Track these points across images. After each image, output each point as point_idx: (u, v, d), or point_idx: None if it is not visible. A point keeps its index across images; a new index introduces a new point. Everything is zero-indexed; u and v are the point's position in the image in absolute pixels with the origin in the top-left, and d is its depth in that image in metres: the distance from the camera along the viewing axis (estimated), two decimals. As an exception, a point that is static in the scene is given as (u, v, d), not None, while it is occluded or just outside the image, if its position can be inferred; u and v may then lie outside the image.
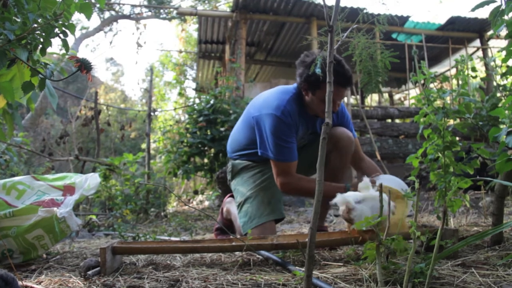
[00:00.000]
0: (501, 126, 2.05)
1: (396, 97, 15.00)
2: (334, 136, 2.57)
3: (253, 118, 2.56)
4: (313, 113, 2.58)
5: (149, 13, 18.42)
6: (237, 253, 2.32)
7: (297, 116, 2.53)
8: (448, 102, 2.54)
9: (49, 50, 1.84)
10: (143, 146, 11.82)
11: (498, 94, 2.67)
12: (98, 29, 17.60)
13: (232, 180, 2.85)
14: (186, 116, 8.05)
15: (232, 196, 2.99)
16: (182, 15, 14.59)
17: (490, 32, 9.86)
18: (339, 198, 2.02)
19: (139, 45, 20.00)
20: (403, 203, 2.14)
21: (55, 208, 2.31)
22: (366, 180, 2.15)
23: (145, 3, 18.05)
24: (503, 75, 2.09)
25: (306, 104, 2.55)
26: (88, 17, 1.90)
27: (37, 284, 1.71)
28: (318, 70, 1.71)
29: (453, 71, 10.59)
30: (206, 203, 8.68)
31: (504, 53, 1.96)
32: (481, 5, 1.94)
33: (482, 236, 1.32)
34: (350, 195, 2.03)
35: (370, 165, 2.74)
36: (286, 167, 2.48)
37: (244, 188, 2.72)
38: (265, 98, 2.60)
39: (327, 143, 2.57)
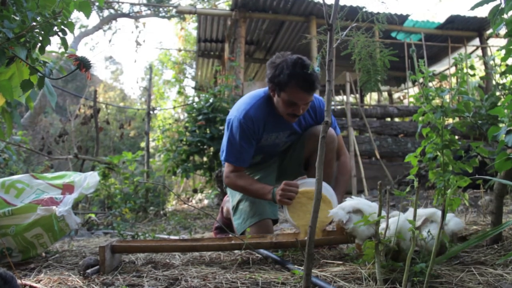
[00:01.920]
0: (500, 125, 2.04)
1: (396, 95, 15.00)
2: (316, 135, 2.57)
3: (226, 122, 2.64)
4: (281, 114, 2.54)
5: (148, 12, 18.40)
6: (236, 251, 2.32)
7: (263, 120, 2.51)
8: (447, 100, 2.54)
9: (48, 48, 1.84)
10: (142, 144, 11.82)
11: (497, 93, 2.66)
12: (97, 28, 17.57)
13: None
14: (185, 114, 8.04)
15: None
16: (181, 14, 14.61)
17: (489, 31, 9.85)
18: (335, 211, 2.04)
19: (138, 43, 20.04)
20: (326, 208, 2.20)
21: (54, 207, 2.31)
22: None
23: (144, 1, 18.02)
24: (502, 73, 2.09)
25: (275, 106, 2.53)
26: (87, 15, 1.90)
27: (36, 283, 1.71)
28: (317, 69, 1.71)
29: (453, 69, 10.59)
30: (205, 201, 8.68)
31: (503, 51, 1.96)
32: (480, 4, 1.94)
33: (482, 238, 1.33)
34: (345, 207, 2.03)
35: (339, 166, 2.71)
36: (232, 166, 2.56)
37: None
38: (238, 103, 2.64)
39: (310, 142, 2.59)
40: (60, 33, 1.79)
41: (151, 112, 8.38)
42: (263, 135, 2.57)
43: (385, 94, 14.76)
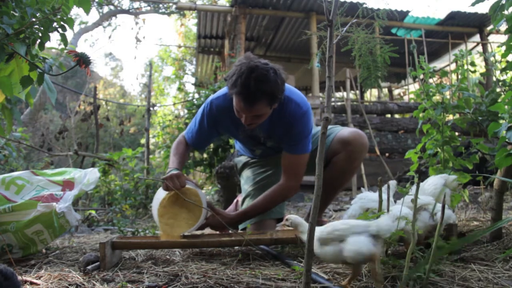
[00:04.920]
0: (501, 121, 2.04)
1: (396, 92, 14.98)
2: (342, 138, 2.52)
3: None
4: None
5: (148, 8, 18.37)
6: (236, 248, 2.32)
7: (226, 112, 2.41)
8: (447, 97, 2.54)
9: (47, 44, 1.83)
10: (142, 141, 11.81)
11: (498, 89, 2.67)
12: (97, 24, 17.54)
13: (239, 177, 2.90)
14: (185, 111, 8.03)
15: None
16: (181, 10, 14.56)
17: (490, 27, 9.85)
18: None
19: (138, 40, 19.97)
20: (191, 215, 2.25)
21: (54, 203, 2.31)
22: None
23: (144, -3, 17.99)
24: (503, 70, 2.09)
25: None
26: (87, 11, 1.89)
27: (37, 279, 1.72)
28: (317, 65, 1.71)
29: (453, 66, 10.57)
30: (206, 198, 8.66)
31: (504, 48, 1.96)
32: (481, 0, 1.93)
33: (482, 233, 1.33)
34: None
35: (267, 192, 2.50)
36: (184, 134, 2.63)
37: (246, 185, 2.76)
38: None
39: (336, 144, 2.52)
40: (59, 29, 1.79)
41: (151, 108, 8.37)
42: (233, 125, 2.49)
43: (385, 90, 14.74)
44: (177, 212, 2.26)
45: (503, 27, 1.89)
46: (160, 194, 2.31)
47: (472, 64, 2.85)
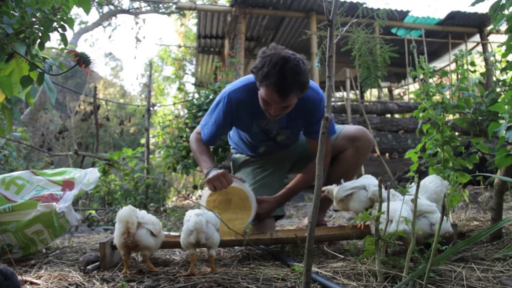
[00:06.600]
0: (501, 121, 2.04)
1: (396, 92, 14.98)
2: (341, 135, 2.60)
3: None
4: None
5: (148, 8, 18.36)
6: (236, 247, 2.32)
7: (249, 103, 2.41)
8: (447, 97, 2.54)
9: (47, 44, 1.83)
10: (142, 141, 11.80)
11: (498, 89, 2.66)
12: (97, 24, 17.54)
13: (236, 174, 2.89)
14: (185, 111, 8.03)
15: None
16: (181, 10, 14.56)
17: (490, 27, 9.84)
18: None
19: (138, 39, 19.97)
20: (242, 215, 2.29)
21: (54, 203, 2.31)
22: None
23: (144, -3, 17.97)
24: (503, 70, 2.09)
25: None
26: (87, 11, 1.89)
27: (37, 279, 1.72)
28: (317, 65, 1.71)
29: (453, 66, 10.56)
30: (206, 198, 8.67)
31: (504, 47, 1.96)
32: (481, 0, 1.93)
33: (483, 236, 1.32)
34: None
35: (307, 168, 2.63)
36: (199, 130, 2.62)
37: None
38: (236, 81, 2.59)
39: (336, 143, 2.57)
40: (59, 29, 1.79)
41: (151, 108, 8.37)
42: (250, 118, 2.50)
43: (385, 90, 14.74)
44: (227, 212, 2.29)
45: (503, 27, 1.89)
46: (205, 194, 2.34)
47: (472, 64, 2.85)
